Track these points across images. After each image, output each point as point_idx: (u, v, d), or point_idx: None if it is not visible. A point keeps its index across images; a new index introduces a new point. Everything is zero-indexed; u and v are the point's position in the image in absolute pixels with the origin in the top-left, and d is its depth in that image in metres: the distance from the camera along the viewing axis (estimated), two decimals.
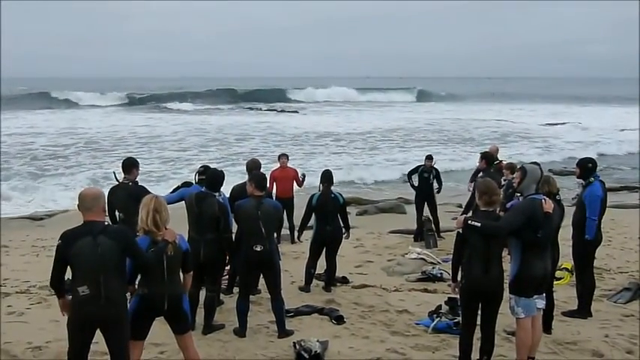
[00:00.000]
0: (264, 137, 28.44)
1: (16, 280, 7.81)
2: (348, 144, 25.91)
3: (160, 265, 4.15)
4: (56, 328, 5.75)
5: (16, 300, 6.90)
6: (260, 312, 6.44)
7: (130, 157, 7.18)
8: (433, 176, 10.58)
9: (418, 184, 10.57)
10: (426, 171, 10.53)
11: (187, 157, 22.31)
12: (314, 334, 5.74)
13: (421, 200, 10.59)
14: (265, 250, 5.70)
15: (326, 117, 40.94)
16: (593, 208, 6.21)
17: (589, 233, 6.23)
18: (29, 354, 5.30)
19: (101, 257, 3.81)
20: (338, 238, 7.51)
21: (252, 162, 7.67)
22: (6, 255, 9.37)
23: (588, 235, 6.23)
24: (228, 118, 38.76)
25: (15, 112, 38.99)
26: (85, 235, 3.84)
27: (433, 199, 10.66)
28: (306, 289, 7.44)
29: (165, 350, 5.26)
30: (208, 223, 5.74)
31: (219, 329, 5.94)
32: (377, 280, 8.07)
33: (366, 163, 20.36)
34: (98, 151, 23.71)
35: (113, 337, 3.96)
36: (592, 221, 6.21)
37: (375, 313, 6.62)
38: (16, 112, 39.11)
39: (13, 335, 5.68)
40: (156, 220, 4.17)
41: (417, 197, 10.67)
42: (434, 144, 25.86)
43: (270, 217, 5.76)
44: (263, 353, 5.42)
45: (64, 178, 17.95)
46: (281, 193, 9.96)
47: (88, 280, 3.82)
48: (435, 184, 10.59)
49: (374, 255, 9.65)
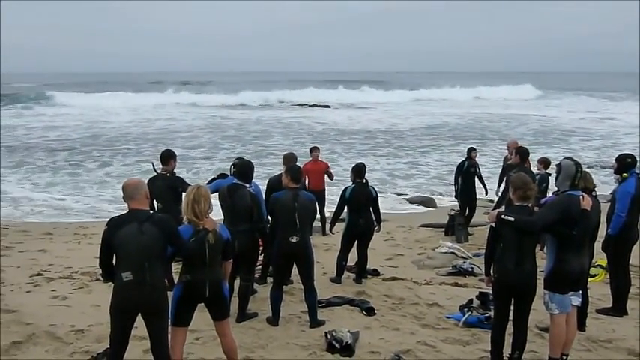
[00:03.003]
0: (296, 132, 28.59)
1: (59, 265, 8.11)
2: (384, 143, 25.40)
3: (202, 253, 4.28)
4: (97, 312, 5.99)
5: (60, 285, 7.18)
6: (292, 302, 6.56)
7: (168, 149, 7.39)
8: (479, 171, 10.48)
9: (464, 181, 10.35)
10: (472, 165, 10.41)
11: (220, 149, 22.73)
12: (345, 324, 5.82)
13: (466, 197, 10.46)
14: (300, 241, 5.80)
15: (359, 113, 40.68)
16: (622, 204, 6.12)
17: (612, 229, 6.15)
18: (72, 336, 5.51)
19: (145, 244, 3.96)
20: (370, 231, 7.57)
21: (289, 155, 7.79)
22: (50, 242, 9.73)
23: (611, 230, 6.16)
24: (265, 113, 39.03)
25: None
26: (131, 222, 3.99)
27: (475, 196, 10.52)
28: (337, 281, 7.53)
29: (201, 336, 5.42)
30: (241, 215, 5.86)
31: (253, 317, 6.08)
32: (407, 273, 8.12)
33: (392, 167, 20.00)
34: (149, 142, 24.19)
35: (154, 323, 4.11)
36: (619, 217, 6.12)
37: (406, 305, 6.68)
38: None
39: (57, 318, 5.93)
40: (195, 210, 4.31)
41: (462, 194, 10.48)
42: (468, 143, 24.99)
43: (306, 209, 5.86)
44: (295, 342, 5.53)
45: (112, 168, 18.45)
46: (313, 185, 10.05)
47: (132, 266, 3.96)
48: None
49: (404, 248, 9.69)
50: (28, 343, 5.32)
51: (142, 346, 4.94)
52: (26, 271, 7.76)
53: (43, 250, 9.10)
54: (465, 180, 10.41)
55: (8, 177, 16.99)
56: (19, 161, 19.58)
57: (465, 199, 10.52)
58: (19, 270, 7.85)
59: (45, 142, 24.51)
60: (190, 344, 5.11)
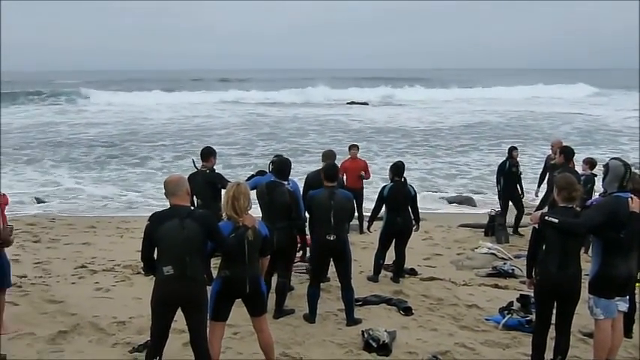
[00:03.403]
0: (332, 129, 28.58)
1: (102, 258, 8.34)
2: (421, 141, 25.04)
3: (242, 249, 4.32)
4: (138, 304, 6.13)
5: (103, 277, 7.38)
6: (329, 299, 6.57)
7: (208, 146, 7.50)
8: (520, 171, 10.26)
9: (505, 181, 10.15)
10: (514, 165, 10.20)
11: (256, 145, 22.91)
12: (382, 323, 5.79)
13: (508, 197, 10.25)
14: (337, 239, 5.80)
15: (398, 110, 40.34)
16: None
17: None
18: (114, 328, 5.66)
19: (187, 239, 4.01)
20: (408, 230, 7.51)
21: (328, 152, 7.79)
22: (94, 235, 10.01)
23: None
24: (301, 110, 39.17)
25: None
26: (172, 217, 4.05)
27: (519, 198, 10.29)
28: (374, 279, 7.50)
29: (239, 332, 5.49)
30: (279, 212, 5.90)
31: (290, 314, 6.12)
32: (446, 274, 8.02)
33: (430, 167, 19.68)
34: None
35: (194, 316, 4.17)
36: None
37: (444, 306, 6.60)
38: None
39: (100, 310, 6.09)
40: (234, 207, 4.36)
41: (504, 194, 10.28)
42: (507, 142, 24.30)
43: (342, 207, 5.85)
44: (331, 339, 5.54)
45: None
46: (351, 183, 10.03)
47: (173, 261, 4.03)
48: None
49: (443, 248, 9.58)
50: (73, 333, 5.49)
51: (181, 340, 5.02)
52: (71, 263, 8.01)
53: (87, 243, 9.37)
54: (507, 180, 10.20)
55: (57, 171, 17.59)
56: (65, 156, 20.24)
57: (507, 199, 10.32)
58: (64, 262, 8.11)
59: (86, 137, 25.24)
60: (228, 339, 5.18)
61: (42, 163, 18.85)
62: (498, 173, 10.38)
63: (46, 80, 72.60)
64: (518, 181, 10.33)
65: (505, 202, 10.35)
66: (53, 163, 18.97)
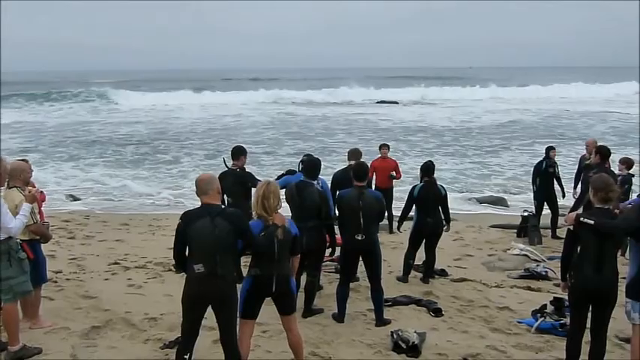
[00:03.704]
0: (361, 129, 28.49)
1: (135, 255, 8.47)
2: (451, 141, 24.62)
3: (271, 248, 4.34)
4: (170, 301, 6.20)
5: (135, 274, 7.50)
6: (358, 299, 6.54)
7: (239, 145, 7.55)
8: (557, 172, 10.04)
9: (541, 182, 9.94)
10: (551, 165, 9.99)
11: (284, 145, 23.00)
12: (411, 324, 5.75)
13: (543, 198, 10.05)
14: (367, 239, 5.77)
15: (429, 110, 39.97)
16: None
17: None
18: (146, 324, 5.74)
19: (218, 238, 4.05)
20: (438, 231, 7.43)
21: (354, 150, 7.76)
22: (127, 232, 10.20)
23: None
24: (331, 109, 39.17)
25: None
26: (203, 216, 4.09)
27: (555, 198, 10.06)
28: (404, 280, 7.44)
29: (268, 330, 5.51)
30: (309, 211, 5.89)
31: (319, 313, 6.11)
32: (476, 275, 7.91)
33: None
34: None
35: (224, 314, 4.20)
36: None
37: (475, 308, 6.51)
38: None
39: (132, 306, 6.20)
40: (264, 206, 4.37)
41: (539, 194, 10.08)
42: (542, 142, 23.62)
43: (372, 207, 5.81)
44: (360, 340, 5.51)
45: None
46: (380, 183, 9.99)
47: (204, 259, 4.06)
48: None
49: (474, 249, 9.46)
50: (105, 328, 5.59)
51: (211, 337, 5.06)
52: (105, 260, 8.17)
53: (121, 240, 9.55)
54: (543, 180, 9.98)
55: (91, 168, 18.00)
56: (98, 154, 20.71)
57: (543, 200, 10.10)
58: (98, 258, 8.28)
59: (117, 136, 25.75)
60: (257, 337, 5.20)
61: (77, 161, 19.32)
62: (534, 173, 10.17)
63: (79, 80, 74.20)
64: (558, 182, 10.09)
65: (540, 203, 10.14)
66: (87, 161, 19.43)
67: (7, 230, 4.68)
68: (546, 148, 10.27)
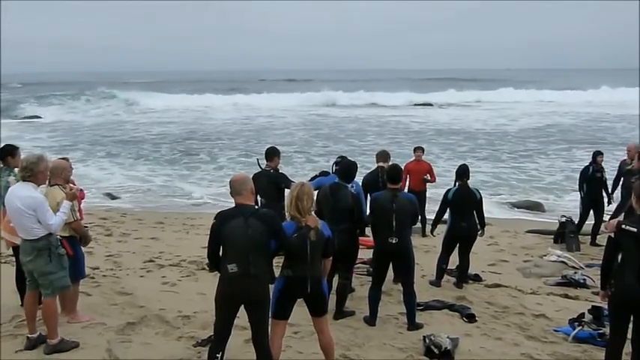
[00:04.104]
0: (392, 131, 28.32)
1: (169, 253, 8.60)
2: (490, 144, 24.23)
3: (304, 249, 4.35)
4: (203, 300, 6.27)
5: (170, 272, 7.61)
6: (390, 302, 6.50)
7: (272, 146, 7.60)
8: (605, 176, 9.76)
9: (589, 186, 9.66)
10: (598, 170, 9.72)
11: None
12: (444, 329, 5.67)
13: (590, 204, 9.77)
14: (399, 242, 5.72)
15: (465, 112, 39.43)
16: None
17: None
18: (179, 321, 5.82)
19: (251, 238, 4.07)
20: (472, 235, 7.32)
21: (382, 152, 7.70)
22: (161, 231, 10.38)
23: None
24: (363, 111, 39.06)
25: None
26: (237, 216, 4.12)
27: (602, 204, 9.77)
28: (436, 284, 7.36)
29: (300, 331, 5.51)
30: (342, 214, 5.87)
31: (350, 316, 6.09)
32: (512, 281, 7.77)
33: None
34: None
35: (256, 314, 4.22)
36: None
37: (510, 314, 6.39)
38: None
39: (166, 303, 6.29)
40: (298, 207, 4.38)
41: (586, 200, 9.80)
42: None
43: (404, 210, 5.76)
44: (392, 343, 5.47)
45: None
46: (414, 185, 9.92)
47: (237, 259, 4.09)
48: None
49: (509, 254, 9.29)
50: (140, 325, 5.69)
51: (243, 336, 5.10)
52: (140, 257, 8.32)
53: (156, 238, 9.71)
54: (590, 186, 9.69)
55: (127, 167, 18.39)
56: (134, 153, 21.16)
57: (589, 206, 9.81)
58: (134, 256, 8.43)
59: (151, 136, 26.32)
60: (289, 338, 5.21)
61: (114, 160, 19.78)
62: (581, 179, 9.88)
63: (115, 80, 75.82)
64: (604, 188, 9.81)
65: (586, 209, 9.85)
66: (123, 159, 19.87)
67: (47, 227, 4.81)
68: (593, 153, 9.96)
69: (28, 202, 4.73)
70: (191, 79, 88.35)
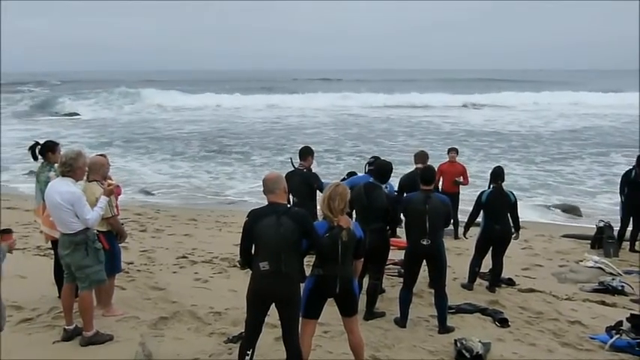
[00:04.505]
0: (423, 131, 28.04)
1: (202, 250, 8.70)
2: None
3: (335, 249, 4.34)
4: (234, 297, 6.34)
5: (202, 268, 7.71)
6: (421, 304, 6.44)
7: (306, 146, 7.63)
8: None
9: (630, 191, 9.30)
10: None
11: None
12: (476, 334, 5.59)
13: (631, 209, 9.39)
14: (432, 244, 5.68)
15: (500, 113, 38.75)
16: None
17: None
18: (211, 317, 5.88)
19: (283, 236, 4.08)
20: (506, 238, 7.20)
21: (420, 153, 7.64)
22: (194, 227, 10.51)
23: None
24: (395, 112, 38.82)
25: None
26: (270, 214, 4.14)
27: None
28: (468, 287, 7.26)
29: (330, 331, 5.51)
30: (376, 214, 5.85)
31: (380, 317, 6.07)
32: (546, 286, 7.61)
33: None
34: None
35: (286, 312, 4.23)
36: None
37: (544, 320, 6.26)
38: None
39: (198, 299, 6.36)
40: (330, 207, 4.38)
41: (627, 205, 9.43)
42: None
43: (438, 211, 5.70)
44: (422, 346, 5.42)
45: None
46: (447, 187, 9.80)
47: (269, 257, 4.11)
48: None
49: (543, 259, 9.11)
50: (173, 320, 5.77)
51: (273, 334, 5.12)
52: (173, 253, 8.44)
53: (189, 234, 9.85)
54: (632, 190, 9.32)
55: (161, 164, 18.71)
56: (168, 150, 21.52)
57: (630, 211, 9.44)
58: (167, 251, 8.56)
59: (182, 134, 26.70)
60: (319, 337, 5.21)
61: (147, 156, 20.15)
62: (622, 183, 9.52)
63: (152, 79, 77.04)
64: None
65: (627, 214, 9.50)
66: (157, 156, 20.21)
67: (84, 221, 4.92)
68: (638, 157, 9.58)
69: (66, 196, 4.85)
70: (223, 78, 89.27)
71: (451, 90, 53.26)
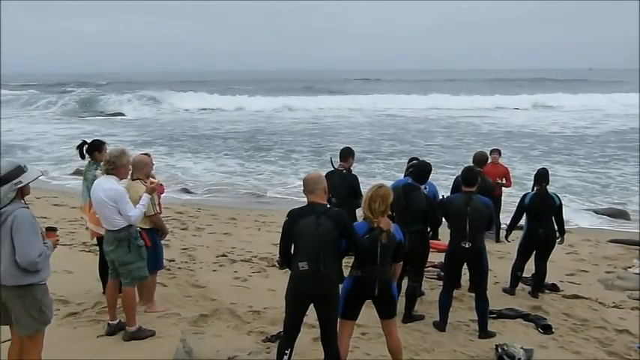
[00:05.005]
0: (460, 132, 27.58)
1: (241, 249, 8.79)
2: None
3: (374, 251, 4.31)
4: (273, 296, 6.37)
5: (241, 267, 7.78)
6: (461, 308, 6.34)
7: (347, 147, 7.61)
8: None
9: None
10: None
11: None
12: (518, 340, 5.47)
13: None
14: (473, 247, 5.58)
15: (544, 114, 37.75)
16: None
17: None
18: (249, 316, 5.93)
19: (322, 236, 4.08)
20: (550, 242, 7.00)
21: (479, 155, 7.48)
22: (234, 226, 10.62)
23: None
24: (433, 112, 38.37)
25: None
26: (309, 214, 4.15)
27: None
28: (510, 292, 7.11)
29: (368, 332, 5.48)
30: (415, 216, 5.79)
31: (419, 320, 6.00)
32: (592, 293, 7.37)
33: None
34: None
35: (325, 312, 4.23)
36: None
37: (589, 328, 6.07)
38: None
39: (237, 297, 6.43)
40: (370, 208, 4.36)
41: None
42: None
43: (480, 214, 5.60)
44: (462, 351, 5.33)
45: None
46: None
47: (308, 257, 4.12)
48: None
49: (589, 264, 8.83)
50: (212, 317, 5.84)
51: (311, 334, 5.13)
52: (213, 252, 8.55)
53: (228, 233, 9.95)
54: None
55: (201, 162, 19.02)
56: (209, 149, 21.84)
57: None
58: (207, 250, 8.68)
59: (222, 133, 27.07)
60: (356, 338, 5.19)
61: (188, 156, 20.50)
62: None
63: (197, 80, 78.31)
64: None
65: None
66: (197, 156, 20.53)
67: (127, 218, 5.03)
68: None
69: (110, 193, 4.97)
70: (270, 78, 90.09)
71: (494, 90, 52.21)
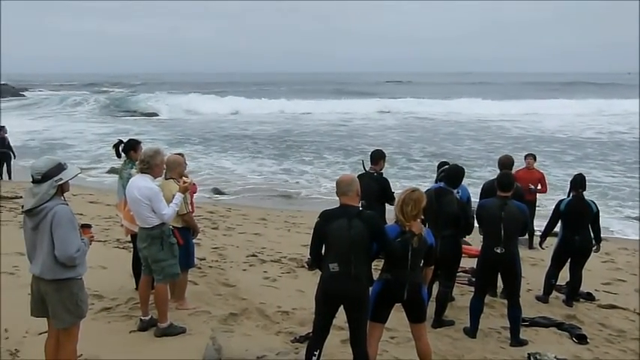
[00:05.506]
0: (490, 135, 27.19)
1: (271, 249, 8.83)
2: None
3: (405, 255, 4.28)
4: (301, 297, 6.39)
5: (271, 267, 7.82)
6: (493, 315, 6.24)
7: (379, 149, 7.57)
8: None
9: None
10: None
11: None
12: (551, 349, 5.35)
13: None
14: (506, 253, 5.48)
15: (578, 119, 36.95)
16: None
17: None
18: (278, 316, 5.95)
19: (353, 239, 4.07)
20: (586, 250, 6.83)
21: (504, 158, 7.36)
22: (264, 227, 10.69)
23: None
24: (464, 116, 37.94)
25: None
26: (341, 216, 4.14)
27: None
28: (544, 300, 6.96)
29: (396, 336, 5.44)
30: (447, 220, 5.72)
31: (449, 325, 5.92)
32: (629, 303, 7.16)
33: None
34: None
35: (354, 315, 4.21)
36: None
37: (626, 339, 5.90)
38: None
39: (266, 297, 6.46)
40: (403, 211, 4.33)
41: None
42: None
43: (514, 219, 5.50)
44: (493, 358, 5.25)
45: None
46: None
47: (339, 259, 4.11)
48: None
49: (627, 274, 8.58)
50: (242, 317, 5.88)
51: (340, 336, 5.11)
52: (243, 251, 8.61)
53: (258, 233, 10.02)
54: None
55: (238, 163, 19.18)
56: (241, 150, 22.03)
57: None
58: (237, 249, 8.75)
59: (253, 135, 27.46)
60: (385, 342, 5.15)
61: (220, 156, 20.75)
62: None
63: (227, 81, 79.12)
64: None
65: None
66: (229, 156, 20.76)
67: (160, 216, 5.11)
68: None
69: (144, 192, 5.05)
70: (296, 80, 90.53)
71: (528, 95, 51.27)
